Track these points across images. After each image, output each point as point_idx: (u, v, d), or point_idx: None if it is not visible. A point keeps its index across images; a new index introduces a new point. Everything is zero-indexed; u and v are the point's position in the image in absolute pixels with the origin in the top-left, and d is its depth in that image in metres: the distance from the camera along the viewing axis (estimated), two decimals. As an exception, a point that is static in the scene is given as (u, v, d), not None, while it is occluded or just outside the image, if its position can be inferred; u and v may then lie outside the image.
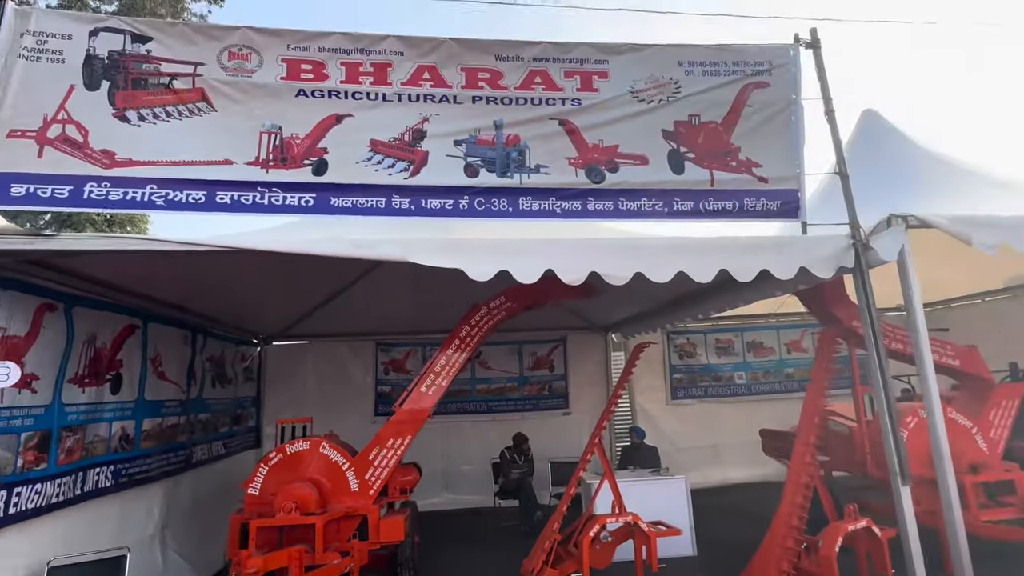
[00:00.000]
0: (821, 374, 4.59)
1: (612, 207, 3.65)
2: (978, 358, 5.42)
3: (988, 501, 4.91)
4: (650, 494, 5.82)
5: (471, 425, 8.57)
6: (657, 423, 8.85)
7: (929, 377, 3.54)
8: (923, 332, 3.57)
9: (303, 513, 4.47)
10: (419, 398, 5.05)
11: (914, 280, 3.62)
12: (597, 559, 4.77)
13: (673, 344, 9.22)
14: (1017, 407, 5.37)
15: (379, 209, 3.45)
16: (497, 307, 5.28)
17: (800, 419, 4.57)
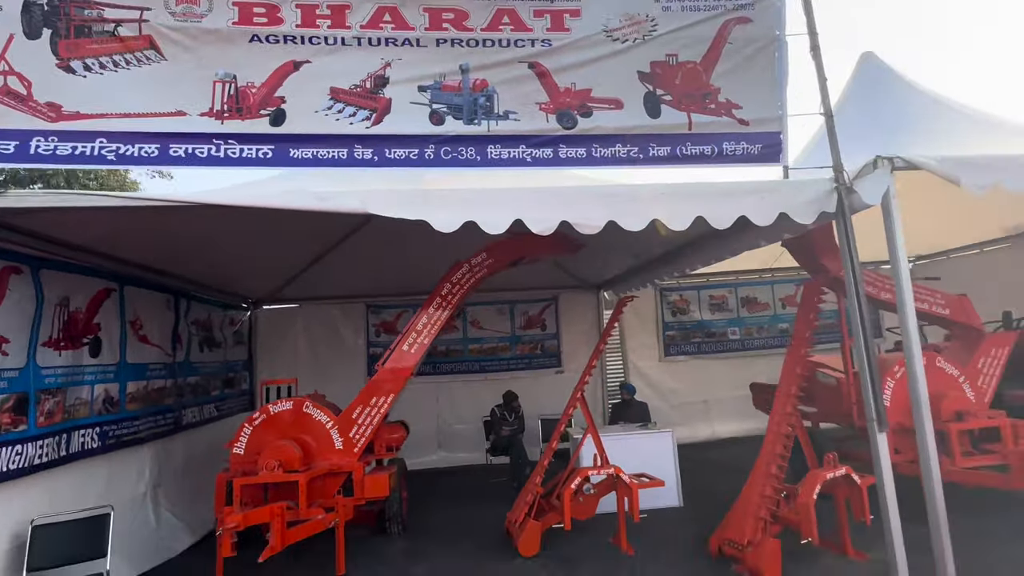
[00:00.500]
0: (804, 325, 4.52)
1: (585, 154, 3.50)
2: (968, 307, 5.33)
3: (972, 449, 4.90)
4: (637, 448, 5.85)
5: (463, 385, 8.61)
6: (650, 380, 8.87)
7: (910, 324, 3.45)
8: (905, 277, 3.46)
9: (286, 471, 4.51)
10: (401, 357, 5.03)
11: (898, 224, 3.49)
12: (580, 511, 4.82)
13: (666, 301, 9.15)
14: (1006, 356, 5.30)
15: (340, 160, 3.32)
16: (479, 264, 5.20)
17: (783, 370, 4.52)
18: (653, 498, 5.65)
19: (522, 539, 4.47)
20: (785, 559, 4.00)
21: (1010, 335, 5.40)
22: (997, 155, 3.68)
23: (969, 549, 4.06)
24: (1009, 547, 4.06)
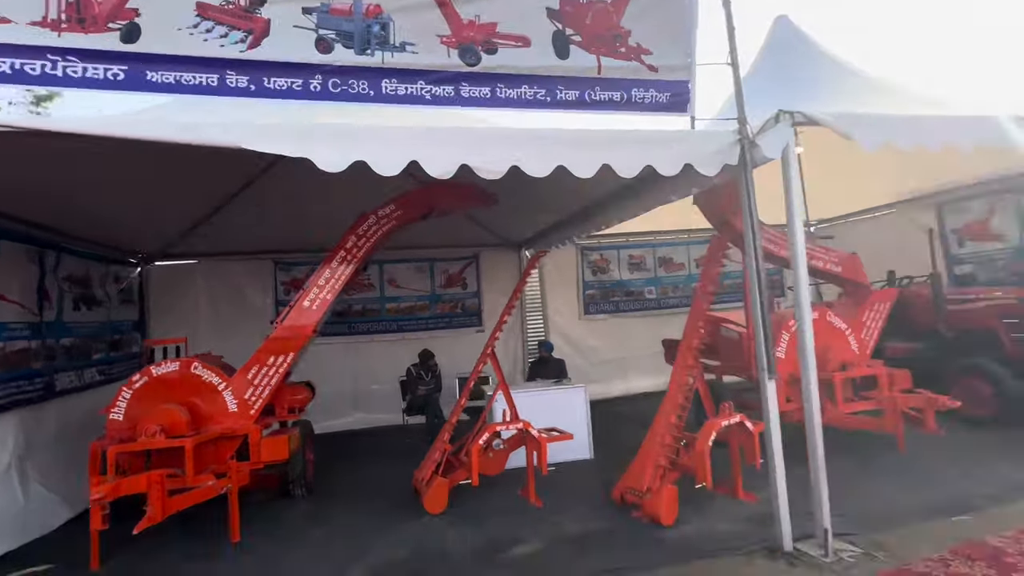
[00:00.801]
0: (707, 280, 4.61)
1: (489, 94, 3.28)
2: (858, 265, 5.66)
3: (853, 396, 5.28)
4: (550, 403, 5.89)
5: (381, 345, 8.35)
6: (570, 338, 8.97)
7: (802, 278, 3.57)
8: (799, 231, 3.55)
9: (171, 436, 4.16)
10: (301, 314, 4.72)
11: (795, 178, 3.55)
12: (490, 466, 4.80)
13: (587, 260, 9.21)
14: (888, 310, 5.71)
15: (210, 87, 2.91)
16: (386, 216, 4.92)
17: (686, 324, 4.62)
18: (565, 451, 5.76)
19: (428, 496, 4.40)
20: (681, 503, 4.17)
21: (891, 292, 5.81)
22: (888, 114, 3.80)
23: (846, 485, 4.40)
24: (878, 482, 4.43)
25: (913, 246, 7.38)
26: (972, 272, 7.48)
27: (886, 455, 5.04)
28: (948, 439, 5.19)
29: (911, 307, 6.85)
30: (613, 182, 5.15)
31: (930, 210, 7.95)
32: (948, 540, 3.40)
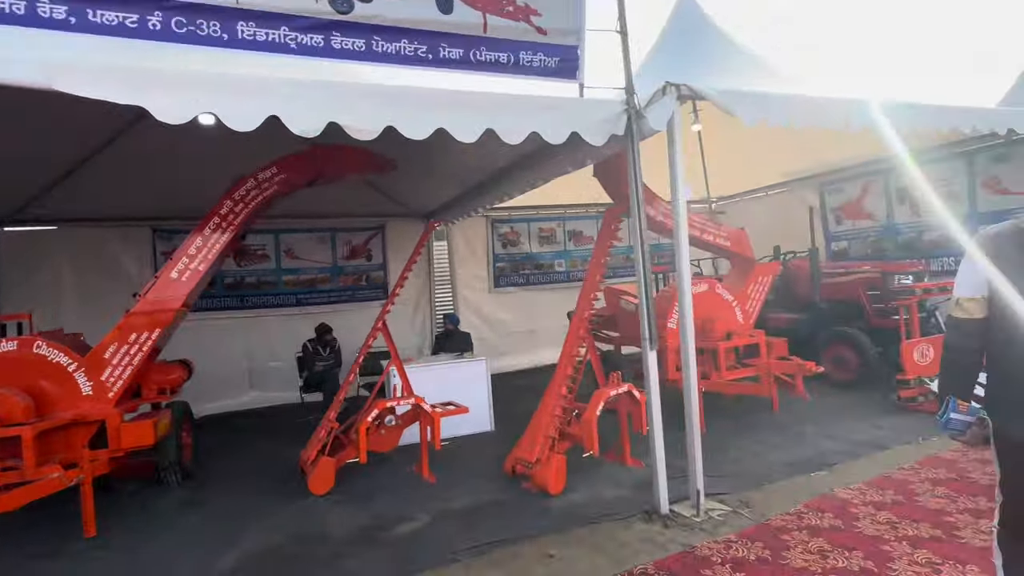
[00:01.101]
0: (600, 252, 4.64)
1: (364, 47, 3.02)
2: (745, 240, 5.93)
3: (736, 363, 5.59)
4: (452, 377, 5.81)
5: (278, 319, 7.88)
6: (480, 310, 8.91)
7: (682, 249, 3.64)
8: (682, 204, 3.61)
9: (5, 424, 3.66)
10: (167, 286, 4.28)
11: (679, 151, 3.59)
12: (382, 443, 4.65)
13: (497, 233, 9.12)
14: (770, 283, 6.06)
15: (17, 16, 2.45)
16: (268, 180, 4.53)
17: (579, 296, 4.64)
18: (466, 425, 5.70)
19: (313, 477, 4.19)
20: (571, 472, 4.23)
21: (774, 265, 6.17)
22: (767, 92, 3.92)
23: (725, 447, 4.69)
24: (753, 443, 4.72)
25: (800, 223, 7.89)
26: (846, 248, 8.13)
27: (763, 417, 5.40)
28: (817, 401, 5.65)
29: (793, 280, 7.36)
30: (511, 151, 5.08)
31: (814, 189, 8.53)
32: (805, 495, 3.67)
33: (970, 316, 1.88)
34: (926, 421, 4.89)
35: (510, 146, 3.84)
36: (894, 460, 4.12)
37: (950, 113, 4.77)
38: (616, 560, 3.06)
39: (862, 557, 2.86)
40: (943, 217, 6.96)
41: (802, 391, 5.04)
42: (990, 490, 3.61)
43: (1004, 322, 1.81)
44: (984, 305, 1.86)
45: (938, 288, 5.61)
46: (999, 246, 1.83)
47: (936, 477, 3.78)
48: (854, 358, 6.10)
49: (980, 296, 1.86)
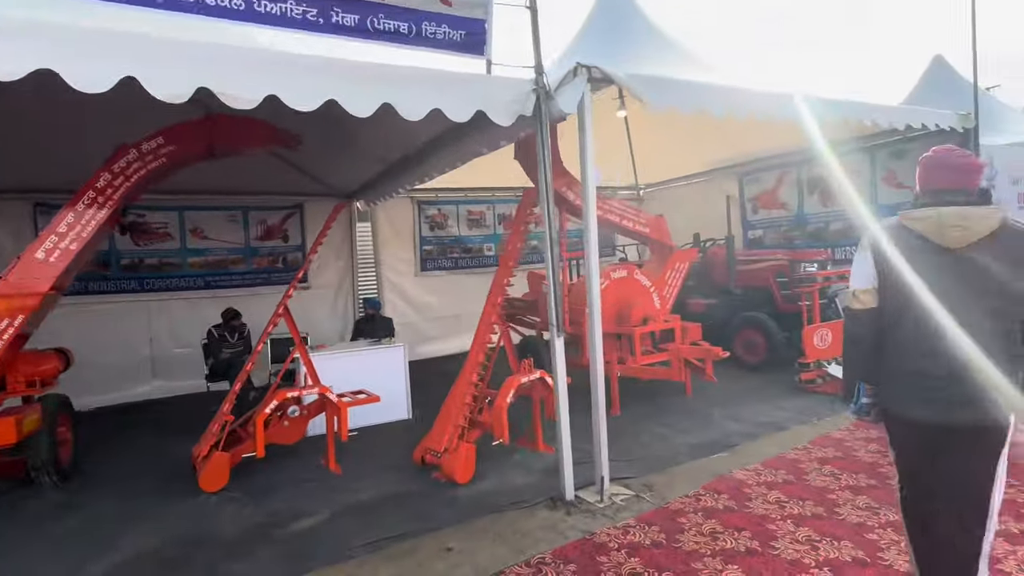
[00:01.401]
0: (516, 237, 4.56)
1: (243, 5, 2.73)
2: (663, 226, 6.02)
3: (652, 348, 5.69)
4: (368, 363, 5.60)
5: (184, 303, 7.34)
6: (405, 294, 8.68)
7: (591, 233, 3.60)
8: (591, 188, 3.57)
9: None
10: (32, 267, 3.83)
11: (589, 135, 3.53)
12: (285, 435, 4.42)
13: (424, 215, 8.87)
14: (687, 269, 6.20)
15: None
16: (153, 151, 4.12)
17: (492, 281, 4.55)
18: (382, 413, 5.54)
19: (204, 473, 3.91)
20: (483, 460, 4.17)
21: (690, 252, 6.31)
22: (674, 79, 3.92)
23: (637, 431, 4.77)
24: (663, 426, 4.82)
25: (722, 211, 8.12)
26: (761, 236, 8.47)
27: (676, 401, 5.55)
28: (728, 384, 5.86)
29: (711, 267, 7.59)
30: (428, 129, 4.88)
31: (734, 179, 8.80)
32: (706, 477, 3.78)
33: (865, 306, 2.00)
34: (823, 401, 5.17)
35: (426, 124, 3.69)
36: (790, 440, 4.32)
37: (854, 108, 4.98)
38: (516, 550, 3.02)
39: (749, 537, 2.95)
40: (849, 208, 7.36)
41: (711, 375, 5.20)
42: (871, 467, 3.85)
43: (893, 310, 1.96)
44: (876, 295, 1.99)
45: (838, 276, 5.91)
46: (887, 244, 1.96)
47: (824, 456, 3.98)
48: (763, 342, 6.36)
49: (871, 287, 1.99)
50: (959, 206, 1.87)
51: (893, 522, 3.00)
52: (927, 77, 8.66)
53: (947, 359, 1.84)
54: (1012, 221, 1.86)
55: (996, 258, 1.81)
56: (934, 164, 1.98)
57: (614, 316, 5.65)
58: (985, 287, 1.82)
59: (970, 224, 1.84)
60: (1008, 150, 6.70)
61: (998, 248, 1.82)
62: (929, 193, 1.96)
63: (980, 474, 1.87)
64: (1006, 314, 1.83)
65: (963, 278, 1.84)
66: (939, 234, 1.87)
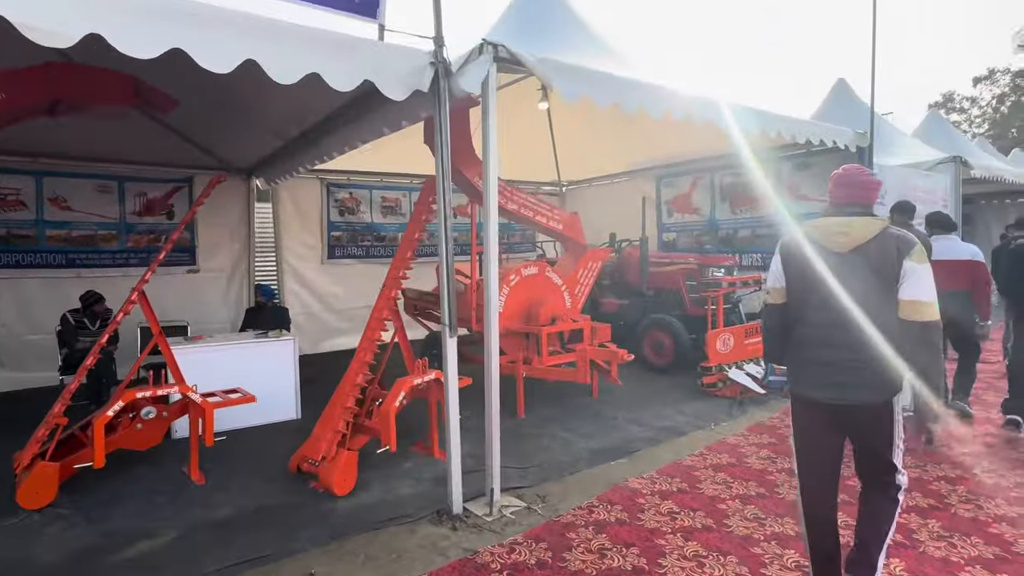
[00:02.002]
0: (415, 226, 4.22)
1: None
2: (577, 224, 5.89)
3: (560, 348, 5.54)
4: (252, 358, 5.06)
5: (40, 282, 6.39)
6: (309, 283, 8.08)
7: (491, 227, 3.34)
8: (493, 178, 3.30)
9: None
10: None
11: (493, 119, 3.25)
12: (140, 440, 3.85)
13: (334, 199, 8.28)
14: (599, 268, 6.10)
15: None
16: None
17: (387, 273, 4.19)
18: (267, 413, 5.05)
19: (24, 487, 3.29)
20: (370, 468, 3.84)
21: (604, 251, 6.23)
22: (587, 68, 3.72)
23: (538, 435, 4.58)
24: (566, 430, 4.66)
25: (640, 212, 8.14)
26: (675, 239, 8.60)
27: (582, 403, 5.43)
28: (635, 387, 5.83)
29: (626, 267, 7.58)
30: (324, 103, 4.43)
31: (652, 181, 8.88)
32: (602, 486, 3.63)
33: (775, 301, 2.36)
34: (722, 405, 5.22)
35: (320, 96, 3.29)
36: (687, 447, 4.28)
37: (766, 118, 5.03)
38: (386, 575, 2.71)
39: (637, 554, 2.81)
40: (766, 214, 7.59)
41: (615, 378, 5.11)
42: (761, 475, 3.86)
43: (794, 305, 2.30)
44: (784, 293, 2.33)
45: (742, 282, 6.03)
46: (790, 247, 2.30)
47: (719, 462, 3.96)
48: (670, 344, 6.40)
49: (780, 286, 2.34)
50: (847, 216, 2.19)
51: (778, 534, 2.96)
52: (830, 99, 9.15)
53: (837, 348, 2.13)
54: (893, 229, 2.13)
55: (869, 260, 2.10)
56: (841, 181, 2.25)
57: (523, 314, 5.44)
58: (860, 285, 2.10)
59: (852, 231, 2.15)
60: (899, 170, 7.14)
61: (872, 250, 2.10)
62: (834, 206, 2.26)
63: (865, 450, 2.23)
64: (872, 310, 2.09)
65: (845, 277, 2.13)
66: (827, 239, 2.19)
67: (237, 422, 4.83)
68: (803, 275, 2.21)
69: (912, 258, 2.03)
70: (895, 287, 2.04)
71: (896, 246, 2.05)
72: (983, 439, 4.32)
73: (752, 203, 7.73)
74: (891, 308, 2.05)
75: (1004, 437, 4.35)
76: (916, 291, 2.01)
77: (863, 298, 2.07)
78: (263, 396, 5.02)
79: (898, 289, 2.04)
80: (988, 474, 3.68)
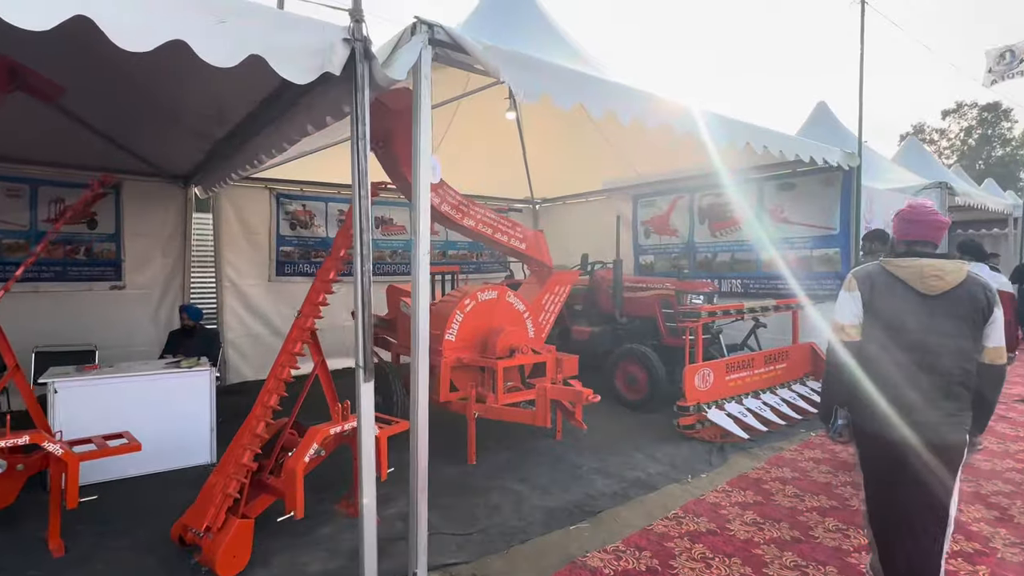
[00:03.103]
0: (343, 241, 3.57)
1: None
2: (542, 243, 5.31)
3: (521, 384, 4.91)
4: (157, 392, 4.33)
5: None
6: (251, 303, 7.33)
7: (421, 241, 2.74)
8: (424, 184, 2.70)
9: None
10: None
11: (426, 114, 2.66)
12: (-18, 499, 3.09)
13: (284, 211, 7.60)
14: (566, 293, 5.51)
15: None
16: None
17: (305, 298, 3.53)
18: (173, 457, 4.32)
19: None
20: (272, 537, 3.14)
21: (572, 274, 5.64)
22: (544, 60, 3.17)
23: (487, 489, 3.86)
24: (521, 481, 4.00)
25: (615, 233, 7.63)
26: (652, 262, 8.07)
27: (542, 446, 4.79)
28: (603, 424, 5.22)
29: (598, 292, 7.01)
30: (242, 97, 3.81)
31: (629, 200, 8.39)
32: (555, 561, 2.98)
33: (850, 339, 2.26)
34: (699, 452, 4.62)
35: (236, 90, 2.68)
36: (660, 506, 3.65)
37: (750, 130, 4.55)
38: None
39: (590, 673, 2.16)
40: (740, 239, 7.11)
41: (580, 420, 4.48)
42: (746, 548, 3.25)
43: (874, 344, 2.21)
44: (860, 329, 2.25)
45: (723, 311, 5.48)
46: (873, 284, 2.22)
47: (696, 529, 3.33)
48: (644, 378, 5.81)
49: (857, 323, 2.25)
50: (933, 258, 2.15)
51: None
52: (811, 121, 8.82)
53: (923, 391, 2.11)
54: (973, 273, 2.14)
55: (957, 306, 2.10)
56: (912, 217, 2.24)
57: (477, 344, 4.81)
58: (951, 329, 2.10)
59: (945, 275, 2.11)
60: (886, 194, 6.74)
61: (962, 295, 2.10)
62: (904, 243, 2.25)
63: (939, 487, 2.12)
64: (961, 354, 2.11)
65: (934, 320, 2.11)
66: (919, 282, 2.13)
67: (132, 469, 4.10)
68: (890, 315, 2.17)
69: (998, 306, 2.11)
70: (980, 332, 2.09)
71: (984, 294, 2.09)
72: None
73: (731, 225, 7.27)
74: (971, 351, 2.10)
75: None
76: (999, 337, 2.10)
77: (951, 341, 2.09)
78: (170, 437, 4.35)
79: (985, 335, 2.10)
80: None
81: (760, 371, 5.55)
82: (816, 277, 6.36)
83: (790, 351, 5.91)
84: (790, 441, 4.90)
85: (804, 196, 6.49)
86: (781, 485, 3.96)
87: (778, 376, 5.72)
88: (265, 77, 2.44)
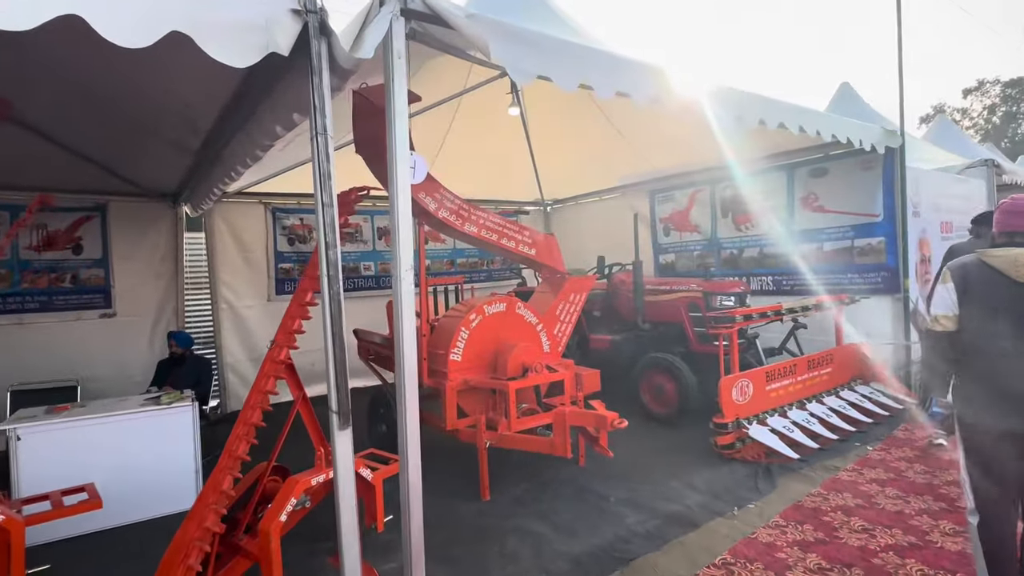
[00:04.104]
0: (316, 258, 3.10)
1: None
2: (554, 248, 4.81)
3: (537, 406, 4.40)
4: (132, 433, 3.93)
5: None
6: (248, 325, 6.96)
7: (401, 251, 2.28)
8: (401, 182, 2.24)
9: None
10: None
11: (401, 101, 2.21)
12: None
13: (281, 225, 7.23)
14: (583, 301, 5.00)
15: None
16: None
17: (280, 325, 3.07)
18: (151, 505, 3.91)
19: None
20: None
21: (589, 279, 5.12)
22: (541, 32, 2.69)
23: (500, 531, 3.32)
24: (543, 519, 3.50)
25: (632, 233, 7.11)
26: (673, 261, 7.52)
27: (564, 474, 4.29)
28: (631, 443, 4.69)
29: (617, 297, 6.49)
30: (207, 100, 3.39)
31: (645, 197, 7.85)
32: (583, 629, 2.47)
33: (945, 330, 2.33)
34: (743, 476, 4.07)
35: (196, 88, 2.28)
36: (703, 550, 3.12)
37: (781, 108, 4.02)
38: None
39: None
40: (769, 233, 6.53)
41: (605, 447, 3.94)
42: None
43: (973, 335, 2.26)
44: (956, 321, 2.31)
45: (759, 314, 4.91)
46: (968, 275, 2.29)
47: None
48: (672, 388, 5.27)
49: (952, 314, 2.31)
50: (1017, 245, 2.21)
51: None
52: (835, 103, 8.19)
53: (1020, 375, 2.13)
54: None
55: None
56: (1013, 210, 2.28)
57: (487, 364, 4.33)
58: None
59: None
60: (933, 175, 6.12)
61: None
62: (1005, 235, 2.28)
63: None
64: None
65: None
66: (1013, 269, 2.17)
67: (105, 522, 3.68)
68: (989, 305, 2.21)
69: None
70: None
71: None
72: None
73: (758, 217, 6.69)
74: None
75: None
76: None
77: None
78: (149, 482, 3.94)
79: None
80: None
81: (803, 378, 4.97)
82: (859, 270, 5.76)
83: (835, 353, 5.32)
84: (844, 459, 4.31)
85: (840, 181, 5.90)
86: (845, 517, 3.40)
87: (823, 382, 5.13)
88: (223, 71, 2.01)
